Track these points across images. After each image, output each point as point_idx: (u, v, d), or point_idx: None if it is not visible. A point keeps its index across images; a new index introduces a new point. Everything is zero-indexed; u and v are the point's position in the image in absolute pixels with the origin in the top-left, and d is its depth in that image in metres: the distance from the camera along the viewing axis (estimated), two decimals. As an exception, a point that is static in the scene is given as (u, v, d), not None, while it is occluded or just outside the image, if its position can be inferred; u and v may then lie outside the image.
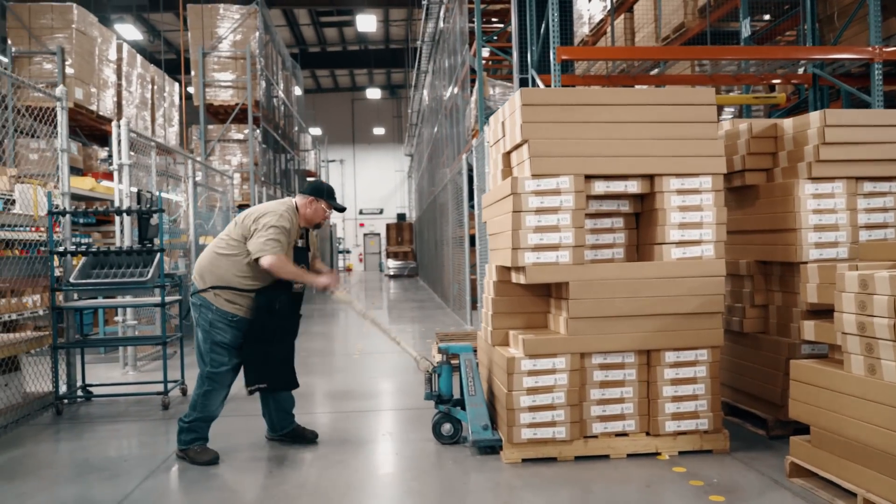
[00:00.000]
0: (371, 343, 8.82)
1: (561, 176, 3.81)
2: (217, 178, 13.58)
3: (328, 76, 32.98)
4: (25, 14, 12.21)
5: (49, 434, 4.74)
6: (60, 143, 5.78)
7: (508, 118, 4.14)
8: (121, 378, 6.65)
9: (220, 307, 3.96)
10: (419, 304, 14.63)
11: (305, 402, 5.44)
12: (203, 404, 4.01)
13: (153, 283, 5.36)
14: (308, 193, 4.17)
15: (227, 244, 4.00)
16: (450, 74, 13.96)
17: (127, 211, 5.85)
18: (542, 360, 3.81)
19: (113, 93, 13.26)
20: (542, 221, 3.80)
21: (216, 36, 14.21)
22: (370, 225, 36.22)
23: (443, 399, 4.26)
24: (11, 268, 5.18)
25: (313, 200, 4.14)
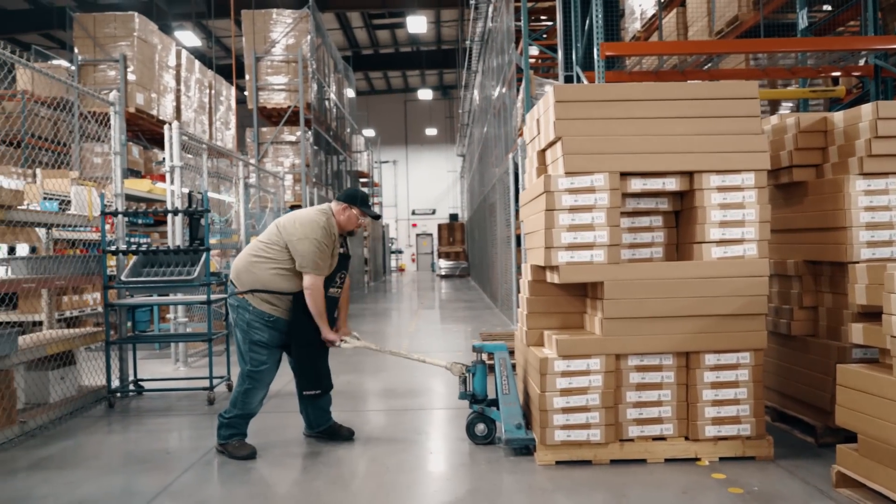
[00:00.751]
0: (416, 342, 8.86)
1: (595, 174, 3.73)
2: (270, 180, 13.87)
3: (381, 78, 33.31)
4: (90, 24, 12.71)
5: (100, 426, 4.91)
6: (114, 146, 5.99)
7: (542, 115, 4.09)
8: (171, 373, 6.85)
9: (258, 307, 4.04)
10: (468, 305, 14.62)
11: (345, 399, 5.50)
12: (243, 402, 4.10)
13: (199, 282, 5.50)
14: (342, 200, 4.21)
15: (267, 249, 4.06)
16: (498, 74, 13.90)
17: (175, 211, 6.02)
18: (576, 360, 3.75)
19: (172, 97, 13.69)
20: (575, 220, 3.74)
21: (269, 40, 14.51)
22: (423, 225, 36.40)
23: (477, 399, 4.23)
24: (67, 266, 5.39)
25: (346, 207, 4.17)
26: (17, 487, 3.64)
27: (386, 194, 34.74)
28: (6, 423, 4.51)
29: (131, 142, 13.65)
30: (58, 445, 4.42)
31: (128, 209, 5.85)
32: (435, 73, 32.44)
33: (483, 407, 4.22)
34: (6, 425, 4.50)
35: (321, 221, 4.04)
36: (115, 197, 5.96)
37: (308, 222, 4.03)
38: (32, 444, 4.48)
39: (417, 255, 36.97)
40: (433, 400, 5.57)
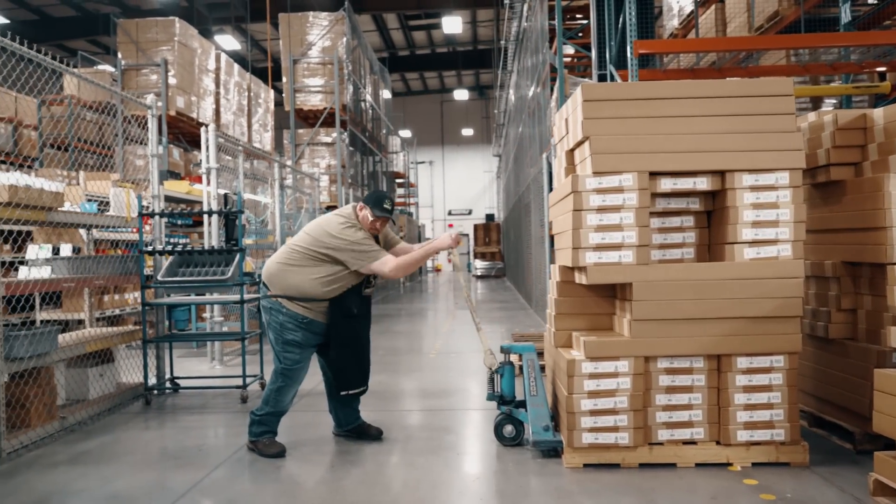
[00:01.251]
0: (448, 343, 8.86)
1: (623, 173, 3.69)
2: (306, 181, 14.03)
3: (417, 79, 33.43)
4: (133, 29, 13.02)
5: (136, 423, 5.02)
6: (151, 148, 6.13)
7: (571, 115, 4.06)
8: (208, 371, 6.97)
9: (291, 310, 4.08)
10: (502, 305, 14.58)
11: (375, 399, 5.53)
12: (275, 399, 4.15)
13: (233, 282, 5.59)
14: (362, 200, 4.24)
15: (301, 256, 4.09)
16: (532, 73, 13.83)
17: (209, 212, 6.13)
18: (604, 362, 3.71)
19: (212, 100, 13.96)
20: (603, 220, 3.70)
21: (306, 43, 14.67)
22: (459, 226, 36.36)
23: (505, 400, 4.22)
24: (106, 266, 5.53)
25: (362, 207, 4.19)
26: (54, 481, 3.75)
27: (422, 195, 34.85)
28: (47, 419, 4.65)
29: (172, 144, 13.95)
30: (95, 441, 4.54)
31: (165, 210, 5.97)
32: (471, 73, 32.44)
33: (511, 408, 4.20)
34: (47, 420, 4.64)
35: (345, 223, 4.08)
36: (152, 198, 6.10)
37: (336, 228, 4.07)
38: (72, 438, 4.60)
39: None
40: (464, 400, 5.57)
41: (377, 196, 4.18)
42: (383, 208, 4.13)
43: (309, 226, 4.22)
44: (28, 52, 4.57)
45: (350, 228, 4.06)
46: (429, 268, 33.44)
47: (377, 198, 4.16)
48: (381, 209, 4.12)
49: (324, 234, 4.08)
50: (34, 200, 4.49)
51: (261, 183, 13.48)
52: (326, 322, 4.12)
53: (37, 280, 4.61)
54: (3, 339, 4.18)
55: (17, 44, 4.44)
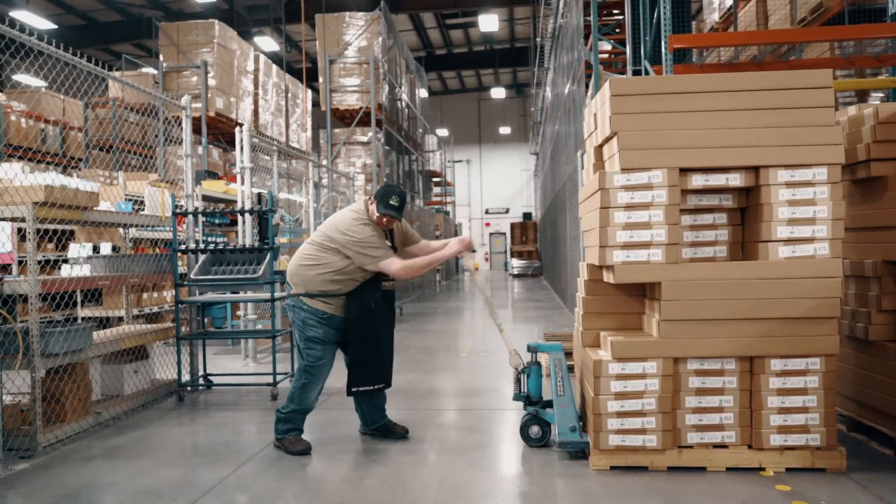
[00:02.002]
0: (480, 342, 8.82)
1: (653, 170, 3.60)
2: (342, 180, 14.14)
3: (455, 77, 33.41)
4: (174, 32, 13.28)
5: (169, 419, 5.10)
6: (185, 148, 6.22)
7: (599, 110, 3.98)
8: (241, 369, 7.06)
9: (312, 305, 4.11)
10: (538, 304, 14.47)
11: (404, 398, 5.52)
12: (300, 397, 4.17)
13: (264, 280, 5.64)
14: (373, 195, 4.21)
15: (315, 254, 4.11)
16: (568, 71, 13.69)
17: (241, 211, 6.19)
18: (632, 363, 3.62)
19: (250, 101, 14.16)
20: (632, 218, 3.62)
21: (342, 43, 14.76)
22: (496, 224, 36.29)
23: (531, 400, 4.16)
24: (141, 264, 5.64)
25: (372, 201, 4.16)
26: (86, 475, 3.82)
27: (459, 193, 34.83)
28: (82, 414, 4.75)
29: (211, 145, 14.21)
30: (128, 436, 4.62)
31: (199, 210, 6.05)
32: (508, 71, 32.28)
33: (538, 409, 4.14)
34: (82, 415, 4.74)
35: (356, 219, 4.08)
36: (186, 198, 6.19)
37: (345, 225, 4.07)
38: (106, 433, 4.70)
39: (490, 254, 36.88)
40: (493, 400, 5.52)
41: (385, 191, 4.12)
42: (389, 205, 4.06)
43: (325, 221, 4.24)
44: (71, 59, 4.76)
45: (360, 225, 4.05)
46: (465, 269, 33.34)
47: (384, 193, 4.10)
48: (385, 206, 4.06)
49: (334, 230, 4.09)
50: (70, 200, 4.59)
51: (296, 182, 13.63)
52: (345, 317, 4.12)
53: (72, 278, 4.71)
54: (39, 335, 4.28)
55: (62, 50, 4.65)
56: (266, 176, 9.15)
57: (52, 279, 4.53)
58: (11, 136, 12.36)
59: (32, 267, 4.32)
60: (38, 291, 4.34)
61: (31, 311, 4.30)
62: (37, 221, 4.37)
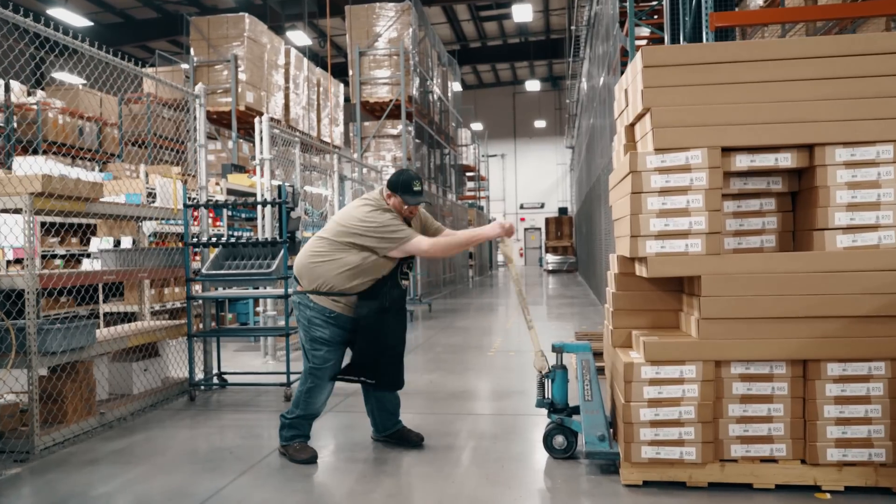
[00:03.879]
0: (510, 340, 8.45)
1: (691, 149, 3.20)
2: (372, 174, 13.90)
3: (489, 71, 32.96)
4: (205, 27, 13.18)
5: (176, 420, 4.86)
6: (199, 138, 5.99)
7: (631, 84, 3.58)
8: (259, 366, 6.82)
9: (318, 303, 3.78)
10: (571, 301, 14.01)
11: (423, 400, 5.20)
12: (306, 401, 3.86)
13: (277, 275, 5.37)
14: (388, 187, 3.85)
15: (326, 249, 3.77)
16: (602, 60, 13.20)
17: (254, 203, 5.93)
18: (668, 367, 3.23)
19: (281, 95, 14.00)
20: (667, 204, 3.22)
21: (373, 34, 14.52)
22: (531, 219, 35.78)
23: (556, 407, 3.79)
24: (152, 259, 5.42)
25: (391, 195, 3.82)
26: (78, 482, 3.58)
27: (493, 188, 34.41)
28: (85, 415, 4.53)
29: (241, 139, 14.10)
30: (130, 439, 4.39)
31: (211, 201, 5.81)
32: (544, 63, 31.72)
33: (563, 417, 3.76)
34: (85, 416, 4.52)
35: (373, 208, 3.75)
36: (199, 189, 5.96)
37: (360, 213, 3.75)
38: (109, 435, 4.47)
39: (525, 249, 36.38)
40: (517, 404, 5.16)
41: (404, 179, 3.78)
42: (414, 192, 3.76)
43: (336, 214, 3.92)
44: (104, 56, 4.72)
45: (376, 211, 3.73)
46: (499, 262, 32.95)
47: (405, 181, 3.77)
48: (411, 194, 3.76)
49: (348, 220, 3.76)
50: (70, 191, 4.37)
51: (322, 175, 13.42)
52: (355, 316, 3.79)
53: (73, 272, 4.49)
54: (35, 332, 4.06)
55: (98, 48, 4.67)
56: (291, 169, 8.91)
57: (52, 274, 4.31)
58: (49, 132, 12.41)
59: (30, 261, 4.10)
60: (36, 287, 4.12)
61: (27, 307, 4.08)
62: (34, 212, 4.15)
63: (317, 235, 3.90)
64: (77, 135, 13.26)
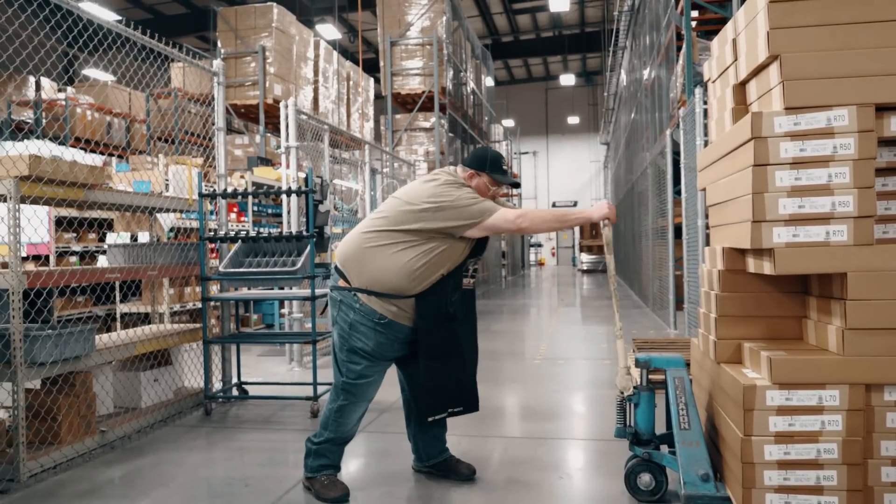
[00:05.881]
0: (555, 346, 7.71)
1: (834, 108, 2.46)
2: (403, 168, 13.29)
3: (521, 66, 32.16)
4: (232, 17, 12.74)
5: (186, 440, 4.23)
6: (217, 121, 5.38)
7: (744, 31, 2.84)
8: (284, 374, 6.20)
9: (366, 304, 3.06)
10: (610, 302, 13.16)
11: (467, 417, 4.47)
12: (336, 422, 3.17)
13: (303, 274, 4.72)
14: (468, 165, 3.19)
15: (387, 234, 3.04)
16: (650, 49, 12.40)
17: (276, 192, 5.29)
18: (801, 391, 2.49)
19: (311, 89, 13.47)
20: (802, 179, 2.48)
21: (404, 23, 13.92)
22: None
23: (640, 438, 3.06)
24: (164, 255, 4.81)
25: (474, 174, 3.16)
26: (60, 522, 2.96)
27: (525, 186, 33.59)
28: (83, 434, 3.92)
29: (269, 133, 13.58)
30: (134, 463, 3.76)
31: (228, 191, 5.19)
32: (577, 57, 30.82)
33: (650, 451, 3.04)
34: (83, 436, 3.91)
35: (448, 182, 3.08)
36: (218, 177, 5.34)
37: (433, 186, 3.06)
38: (110, 458, 3.86)
39: (557, 248, 35.51)
40: (579, 426, 4.45)
41: (493, 155, 3.18)
42: (504, 171, 3.17)
43: (398, 191, 3.20)
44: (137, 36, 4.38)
45: (451, 186, 3.06)
46: (531, 261, 32.10)
47: (494, 158, 3.17)
48: (502, 173, 3.16)
49: (416, 197, 3.05)
50: (64, 175, 3.76)
51: (353, 168, 12.85)
52: (412, 325, 3.08)
53: (66, 270, 3.88)
54: (21, 340, 3.46)
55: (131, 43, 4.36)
56: (320, 161, 8.30)
57: (41, 272, 3.71)
58: (78, 129, 12.03)
59: (15, 258, 3.49)
60: (22, 287, 3.51)
61: (12, 310, 3.48)
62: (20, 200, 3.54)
63: (371, 217, 3.17)
64: (105, 131, 12.87)
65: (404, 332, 3.10)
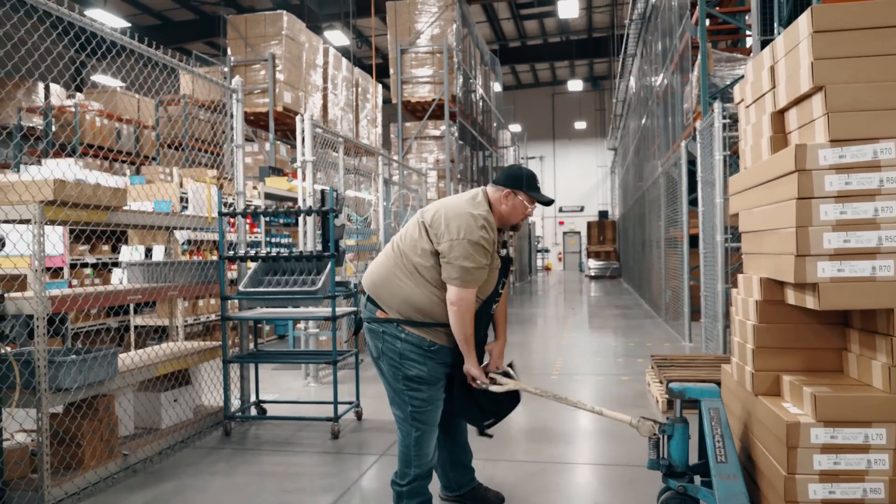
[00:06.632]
0: (570, 360, 7.66)
1: (881, 140, 2.41)
2: (413, 177, 13.25)
3: (528, 71, 32.14)
4: (242, 25, 12.76)
5: (208, 463, 4.19)
6: (236, 138, 5.35)
7: (784, 59, 2.80)
8: (301, 390, 6.16)
9: (413, 332, 2.99)
10: (623, 312, 13.13)
11: (489, 443, 4.43)
12: (417, 455, 3.05)
13: (323, 294, 4.69)
14: (503, 184, 3.08)
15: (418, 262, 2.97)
16: (663, 57, 12.34)
17: (297, 212, 5.24)
18: (847, 429, 2.45)
19: (320, 96, 13.47)
20: (847, 213, 2.44)
21: (414, 31, 13.89)
22: (570, 223, 34.84)
23: (674, 471, 3.01)
24: (184, 274, 4.78)
25: (510, 194, 3.06)
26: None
27: (532, 192, 33.50)
28: (105, 458, 3.89)
29: (279, 141, 13.58)
30: (157, 489, 3.73)
31: (248, 209, 5.16)
32: (585, 62, 30.79)
33: (685, 484, 2.99)
34: (105, 460, 3.88)
35: (479, 216, 2.94)
36: (237, 195, 5.32)
37: (462, 217, 2.92)
38: (132, 483, 3.83)
39: (564, 254, 35.44)
40: (605, 449, 4.39)
41: (528, 173, 3.13)
42: (538, 189, 3.12)
43: (426, 211, 3.08)
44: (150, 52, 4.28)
45: (480, 228, 2.92)
46: (538, 267, 32.03)
47: (529, 176, 3.12)
48: (537, 191, 3.11)
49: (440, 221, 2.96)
50: (88, 199, 3.74)
51: (365, 179, 12.82)
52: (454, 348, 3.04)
53: (91, 293, 3.85)
54: (46, 366, 3.43)
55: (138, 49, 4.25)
56: (332, 172, 8.27)
57: (66, 295, 3.68)
58: (87, 135, 12.05)
59: (38, 284, 3.47)
60: (46, 312, 3.49)
61: (36, 335, 3.45)
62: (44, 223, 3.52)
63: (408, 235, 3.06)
64: (115, 137, 12.88)
65: (451, 357, 3.07)
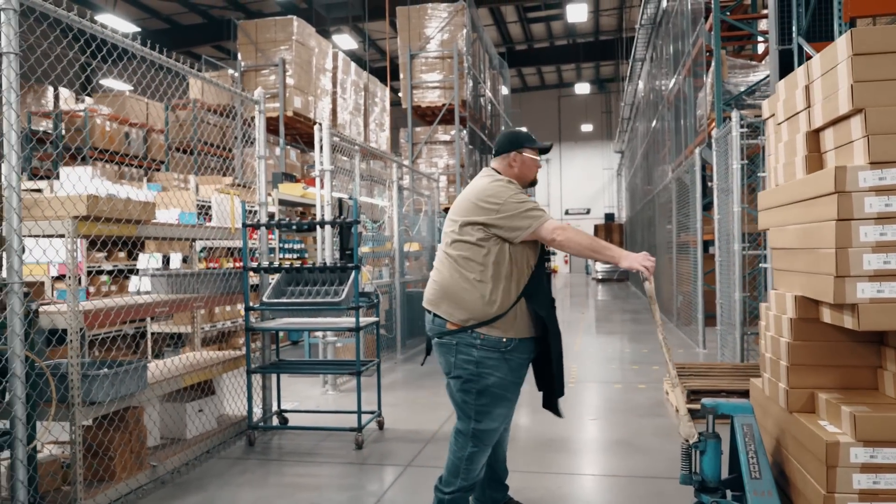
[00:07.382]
0: (586, 367, 7.67)
1: (921, 163, 2.43)
2: (423, 182, 13.27)
3: (534, 74, 32.18)
4: (253, 30, 12.81)
5: (234, 473, 4.22)
6: (259, 149, 5.37)
7: (820, 79, 2.81)
8: (319, 398, 6.19)
9: (489, 334, 2.94)
10: (633, 316, 13.14)
11: (513, 452, 4.47)
12: (467, 469, 3.06)
13: (347, 305, 4.71)
14: (504, 151, 3.16)
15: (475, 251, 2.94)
16: (674, 61, 12.34)
17: (321, 223, 5.27)
18: (887, 449, 2.46)
19: (329, 100, 13.52)
20: (887, 235, 2.46)
21: (424, 36, 13.93)
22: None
23: (707, 486, 3.03)
24: (208, 284, 4.81)
25: (516, 155, 3.14)
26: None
27: (539, 193, 33.58)
28: (136, 469, 3.92)
29: (289, 146, 13.63)
30: (184, 501, 3.76)
31: (273, 221, 5.19)
32: (591, 65, 30.82)
33: (717, 499, 3.00)
34: (135, 471, 3.91)
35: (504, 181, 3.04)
36: (259, 206, 5.34)
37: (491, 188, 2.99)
38: (161, 494, 3.86)
39: (570, 256, 35.40)
40: (630, 460, 4.41)
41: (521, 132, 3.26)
42: (533, 140, 3.20)
43: (453, 210, 3.10)
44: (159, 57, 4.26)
45: (500, 184, 3.01)
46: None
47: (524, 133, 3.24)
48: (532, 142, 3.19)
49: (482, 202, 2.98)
50: (119, 213, 3.77)
51: (377, 185, 12.85)
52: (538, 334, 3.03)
53: (123, 306, 3.88)
54: (79, 380, 3.46)
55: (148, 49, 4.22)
56: (346, 179, 8.30)
57: (99, 309, 3.71)
58: (97, 139, 12.11)
59: (72, 297, 3.50)
60: (80, 326, 3.52)
61: (70, 350, 3.49)
62: (77, 238, 3.55)
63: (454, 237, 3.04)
64: (124, 141, 12.94)
65: (534, 344, 3.07)
